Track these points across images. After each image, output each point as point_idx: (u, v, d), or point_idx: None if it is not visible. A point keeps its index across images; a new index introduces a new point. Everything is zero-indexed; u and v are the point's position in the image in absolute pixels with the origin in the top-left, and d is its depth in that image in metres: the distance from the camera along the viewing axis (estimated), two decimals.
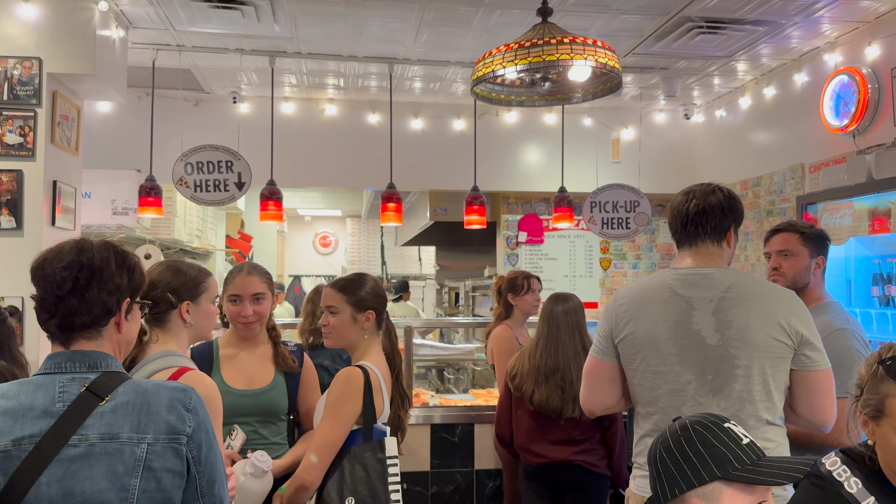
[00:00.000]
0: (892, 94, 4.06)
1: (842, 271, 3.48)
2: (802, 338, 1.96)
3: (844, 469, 1.51)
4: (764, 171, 5.33)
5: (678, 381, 2.01)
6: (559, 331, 2.98)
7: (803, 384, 1.98)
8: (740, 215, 2.12)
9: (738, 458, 1.25)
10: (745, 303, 1.97)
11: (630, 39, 4.58)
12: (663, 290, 2.06)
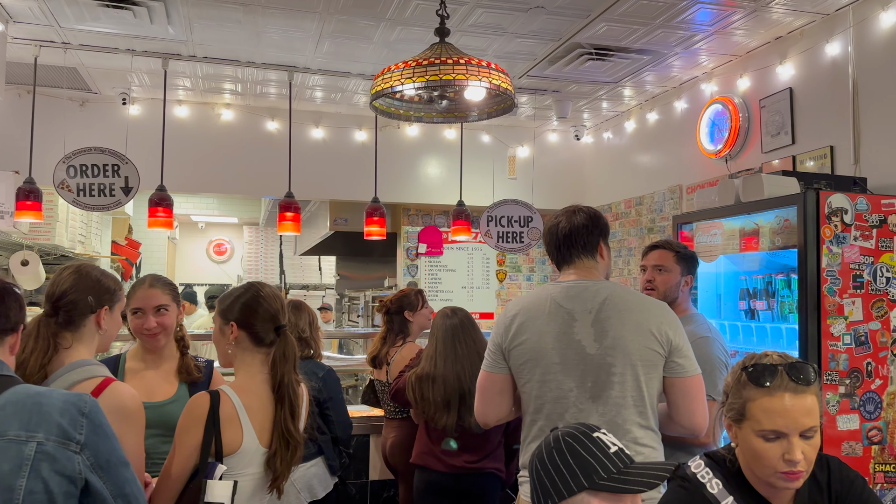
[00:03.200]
0: (759, 124, 4.44)
1: (713, 286, 3.75)
2: (673, 345, 2.08)
3: (707, 471, 1.63)
4: (646, 191, 5.66)
5: (561, 389, 2.10)
6: (463, 347, 3.02)
7: (675, 390, 2.11)
8: (605, 228, 2.27)
9: (605, 467, 1.27)
10: (620, 314, 2.09)
11: (525, 62, 4.77)
12: (548, 303, 2.17)
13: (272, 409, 1.96)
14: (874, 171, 3.57)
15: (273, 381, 1.98)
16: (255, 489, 1.93)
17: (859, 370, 2.77)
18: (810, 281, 2.78)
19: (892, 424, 2.79)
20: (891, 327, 2.82)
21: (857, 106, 3.73)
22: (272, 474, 1.93)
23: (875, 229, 2.84)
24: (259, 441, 1.92)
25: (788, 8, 3.82)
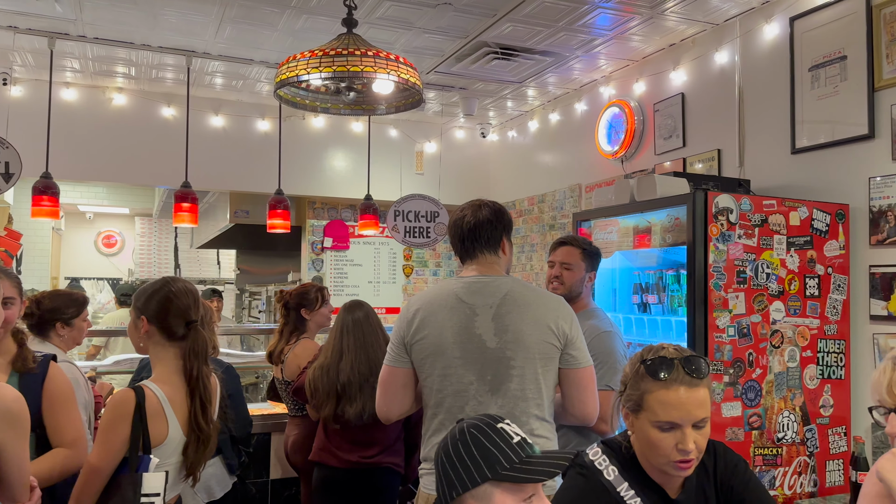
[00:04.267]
0: (653, 127, 4.66)
1: (609, 281, 3.90)
2: (568, 338, 2.16)
3: (604, 458, 1.70)
4: (548, 189, 5.82)
5: (461, 383, 2.14)
6: (356, 342, 2.99)
7: (569, 381, 2.19)
8: (509, 224, 2.33)
9: (508, 457, 1.29)
10: (519, 308, 2.15)
11: (432, 58, 4.79)
12: (450, 298, 2.20)
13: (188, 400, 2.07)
14: (757, 173, 3.82)
15: (185, 375, 2.07)
16: (175, 477, 2.05)
17: (742, 360, 2.97)
18: (698, 276, 2.95)
19: (771, 411, 3.00)
20: (770, 320, 3.04)
21: (743, 112, 3.98)
22: (187, 463, 2.06)
23: (757, 228, 3.04)
24: (182, 432, 2.04)
25: (682, 17, 4.02)
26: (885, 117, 3.16)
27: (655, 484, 1.65)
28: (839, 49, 3.38)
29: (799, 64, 3.60)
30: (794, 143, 3.61)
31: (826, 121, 3.45)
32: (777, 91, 3.74)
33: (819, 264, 3.16)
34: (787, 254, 3.09)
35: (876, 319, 3.16)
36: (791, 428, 3.05)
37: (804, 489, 3.06)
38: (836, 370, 3.17)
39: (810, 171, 3.54)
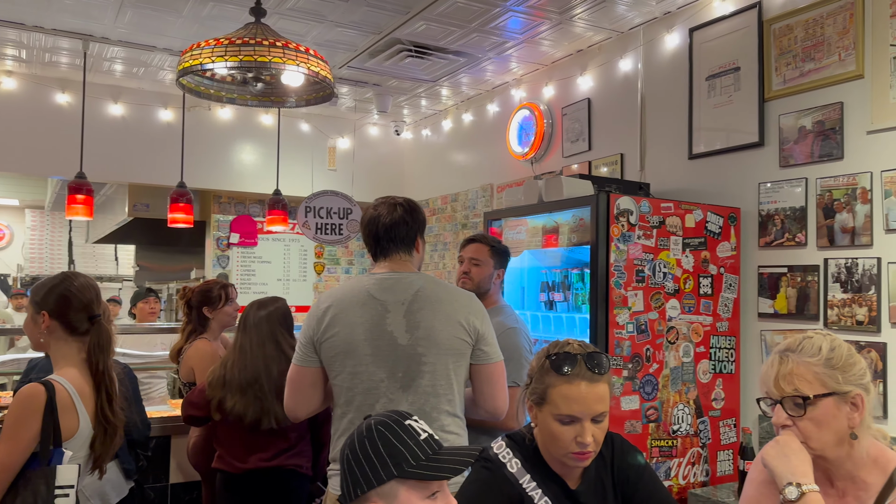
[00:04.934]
0: (561, 130, 4.78)
1: (518, 279, 3.98)
2: (479, 334, 2.18)
3: (508, 451, 1.73)
4: (461, 189, 5.87)
5: (372, 380, 2.12)
6: (252, 340, 2.90)
7: (480, 376, 2.21)
8: (423, 222, 2.33)
9: (415, 455, 1.28)
10: (431, 305, 2.15)
11: (345, 52, 4.73)
12: (362, 294, 2.18)
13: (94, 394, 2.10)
14: (656, 177, 3.99)
15: (90, 369, 2.10)
16: (83, 471, 2.07)
17: (640, 355, 3.09)
18: (600, 275, 3.05)
19: (667, 404, 3.14)
20: (666, 317, 3.18)
21: (644, 118, 4.15)
22: (94, 455, 2.09)
23: (655, 229, 3.17)
24: (91, 424, 2.07)
25: (589, 23, 4.15)
26: (774, 127, 3.37)
27: (556, 475, 1.69)
28: (734, 60, 3.58)
29: (697, 73, 3.78)
30: (692, 148, 3.80)
31: (721, 128, 3.64)
32: (676, 98, 3.91)
33: (712, 264, 3.33)
34: (682, 254, 3.24)
35: (763, 317, 3.36)
36: (685, 420, 3.20)
37: (697, 479, 3.21)
38: (728, 365, 3.35)
39: (706, 175, 3.72)
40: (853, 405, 1.49)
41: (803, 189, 3.21)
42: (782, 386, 1.51)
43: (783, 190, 3.30)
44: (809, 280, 3.16)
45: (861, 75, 3.01)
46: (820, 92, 3.17)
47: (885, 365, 2.85)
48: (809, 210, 3.18)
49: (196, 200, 5.06)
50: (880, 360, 2.86)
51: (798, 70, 3.27)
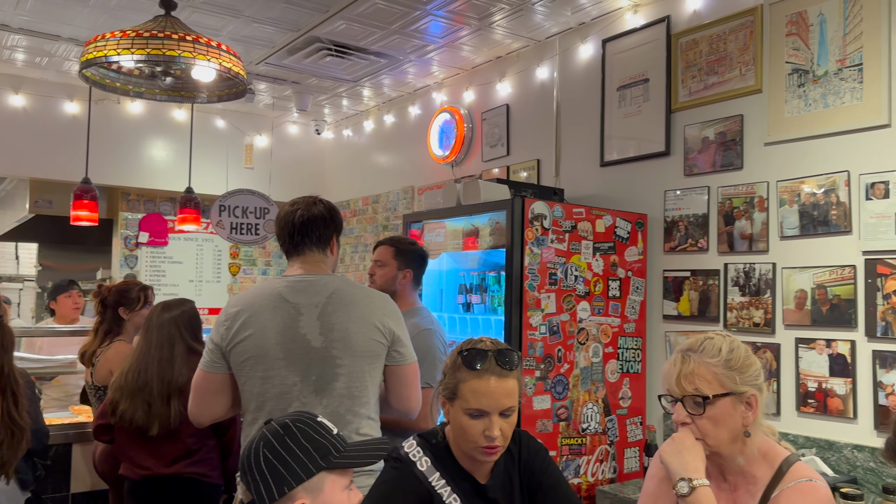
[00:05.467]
0: (481, 135, 4.85)
1: (437, 282, 4.00)
2: (394, 336, 2.18)
3: (418, 450, 1.74)
4: (382, 190, 5.86)
5: (285, 384, 2.08)
6: (152, 342, 2.80)
7: (394, 377, 2.21)
8: (340, 225, 2.32)
9: (335, 447, 1.33)
10: (345, 307, 2.14)
11: (262, 49, 4.64)
12: (273, 298, 2.14)
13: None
14: (570, 183, 4.10)
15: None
16: None
17: (552, 356, 3.16)
18: (515, 277, 3.10)
19: (577, 403, 3.23)
20: (577, 319, 3.27)
21: (560, 125, 4.25)
22: (1, 461, 2.04)
23: (568, 234, 3.26)
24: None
25: (508, 31, 4.22)
26: (679, 137, 3.52)
27: (466, 472, 1.72)
28: (643, 72, 3.72)
29: (609, 83, 3.91)
30: (604, 156, 3.92)
31: (631, 137, 3.78)
32: (590, 107, 4.03)
33: (621, 268, 3.45)
34: (593, 258, 3.34)
35: (668, 318, 3.50)
36: (594, 419, 3.30)
37: (605, 476, 3.32)
38: (634, 365, 3.48)
39: (616, 182, 3.85)
40: (748, 405, 1.57)
41: (706, 197, 3.37)
42: (683, 385, 1.58)
43: (687, 197, 3.45)
44: (711, 284, 3.32)
45: (760, 90, 3.18)
46: (722, 104, 3.34)
47: (778, 364, 3.02)
48: (711, 217, 3.34)
49: (103, 197, 4.85)
50: (774, 359, 3.03)
51: (703, 83, 3.43)
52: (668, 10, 3.62)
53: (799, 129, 3.01)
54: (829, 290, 2.86)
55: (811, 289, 2.92)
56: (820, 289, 2.89)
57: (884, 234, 2.71)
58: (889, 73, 2.74)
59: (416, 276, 2.90)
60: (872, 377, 2.71)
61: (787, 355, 3.00)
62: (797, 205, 3.00)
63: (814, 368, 2.89)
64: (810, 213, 2.95)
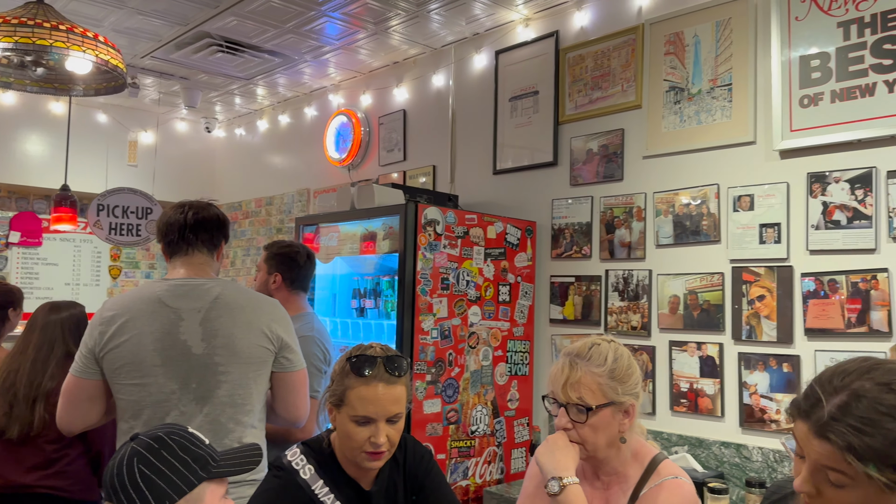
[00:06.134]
0: (378, 139, 4.84)
1: (330, 286, 3.96)
2: (282, 342, 2.14)
3: (302, 458, 1.72)
4: (276, 192, 5.73)
5: (162, 392, 2.00)
6: (31, 343, 2.63)
7: (282, 385, 2.17)
8: (228, 235, 2.27)
9: (212, 456, 1.30)
10: (231, 312, 2.08)
11: (148, 41, 4.43)
12: (152, 302, 2.05)
13: None
14: (465, 189, 4.17)
15: None
16: None
17: (443, 360, 3.20)
18: (407, 282, 3.12)
19: (466, 406, 3.28)
20: (468, 323, 3.32)
21: (455, 132, 4.32)
22: None
23: (460, 239, 3.31)
24: None
25: (405, 37, 4.24)
26: (566, 148, 3.66)
27: (351, 479, 1.71)
28: (534, 84, 3.84)
29: (502, 94, 4.01)
30: (496, 164, 4.01)
31: (522, 147, 3.89)
32: (484, 116, 4.12)
33: (511, 273, 3.54)
34: (484, 263, 3.41)
35: (554, 322, 3.63)
36: (483, 421, 3.36)
37: (493, 477, 3.39)
38: (522, 367, 3.58)
39: (508, 190, 3.95)
40: (626, 413, 1.65)
41: (589, 206, 3.52)
42: (569, 393, 1.63)
43: (573, 206, 3.59)
44: (593, 289, 3.46)
45: (639, 105, 3.36)
46: (605, 118, 3.50)
47: (654, 366, 3.19)
48: (594, 225, 3.49)
49: None
50: (650, 361, 3.20)
51: (588, 97, 3.58)
52: (557, 26, 3.75)
53: (674, 144, 3.20)
54: (700, 296, 3.05)
55: (683, 294, 3.11)
56: (691, 294, 3.08)
57: (748, 244, 2.92)
58: (755, 93, 2.96)
59: (288, 278, 2.82)
60: (738, 377, 2.91)
61: (661, 357, 3.18)
62: (672, 215, 3.18)
63: (686, 370, 3.08)
64: (683, 223, 3.14)
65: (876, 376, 1.05)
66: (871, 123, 2.61)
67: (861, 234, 2.62)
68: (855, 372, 1.07)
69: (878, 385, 1.03)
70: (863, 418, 1.01)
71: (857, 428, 1.01)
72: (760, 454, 2.79)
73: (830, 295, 2.68)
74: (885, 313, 2.55)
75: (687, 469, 2.74)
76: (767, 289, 2.85)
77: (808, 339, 2.73)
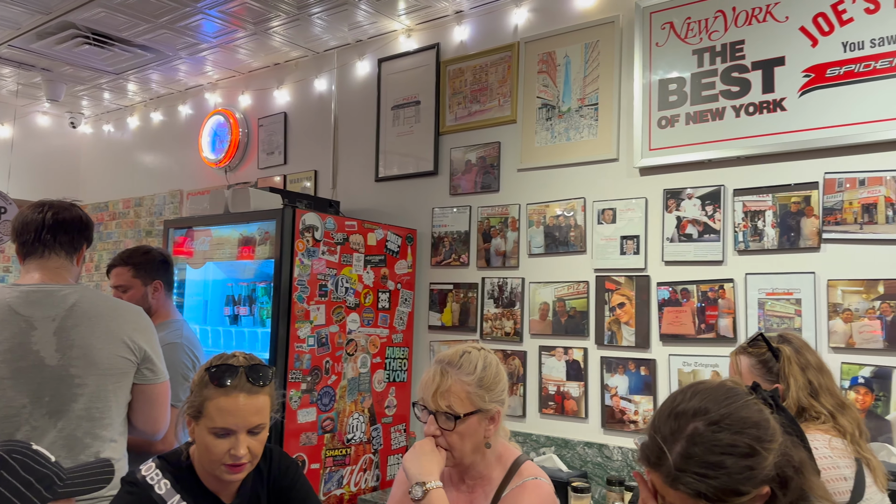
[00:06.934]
0: (258, 141, 4.73)
1: (201, 293, 3.82)
2: (145, 353, 2.05)
3: (158, 472, 1.65)
4: (147, 193, 5.46)
5: (12, 406, 1.87)
6: None
7: (143, 397, 2.07)
8: (91, 238, 2.13)
9: (58, 475, 1.23)
10: (89, 321, 1.96)
11: (6, 30, 4.11)
12: (1, 310, 1.91)
13: None
14: (347, 195, 4.15)
15: None
16: None
17: (319, 368, 3.17)
18: (283, 289, 3.07)
19: (343, 414, 3.27)
20: (346, 330, 3.31)
21: (337, 138, 4.29)
22: None
23: (339, 246, 3.30)
24: None
25: (286, 39, 4.18)
26: (446, 158, 3.74)
27: (210, 492, 1.66)
28: (415, 94, 3.89)
29: (385, 101, 4.03)
30: (378, 171, 4.03)
31: (404, 155, 3.93)
32: (366, 123, 4.12)
33: (391, 280, 3.57)
34: (364, 270, 3.42)
35: (433, 329, 3.68)
36: (359, 428, 3.36)
37: (368, 484, 3.39)
38: (401, 374, 3.61)
39: (390, 197, 3.98)
40: (491, 419, 1.71)
41: (468, 215, 3.60)
42: (439, 401, 1.67)
43: (452, 215, 3.67)
44: (470, 296, 3.55)
45: (514, 120, 3.49)
46: (483, 131, 3.60)
47: (525, 370, 3.31)
48: (472, 234, 3.59)
49: None
50: (521, 366, 3.32)
51: (467, 110, 3.67)
52: (439, 38, 3.83)
53: (546, 158, 3.35)
54: (568, 303, 3.21)
55: (553, 302, 3.25)
56: (560, 302, 3.23)
57: (611, 255, 3.10)
58: (619, 113, 3.15)
59: (167, 282, 2.72)
60: (600, 380, 3.08)
61: (532, 362, 3.30)
62: (543, 226, 3.32)
63: (554, 373, 3.22)
64: (553, 234, 3.29)
65: (706, 415, 1.13)
66: (720, 145, 2.84)
67: (710, 246, 2.85)
68: (685, 414, 1.15)
69: (709, 426, 1.12)
70: (704, 463, 1.10)
71: (702, 474, 1.10)
72: (620, 453, 2.96)
73: (683, 303, 2.89)
74: (730, 320, 2.78)
75: (552, 469, 2.87)
76: (627, 297, 3.03)
77: (663, 344, 2.93)
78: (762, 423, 1.13)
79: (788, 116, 2.69)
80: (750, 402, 1.16)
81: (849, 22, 2.60)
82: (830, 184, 2.61)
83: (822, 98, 2.63)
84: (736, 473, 1.09)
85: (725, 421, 1.12)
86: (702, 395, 1.17)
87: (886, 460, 2.25)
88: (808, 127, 2.65)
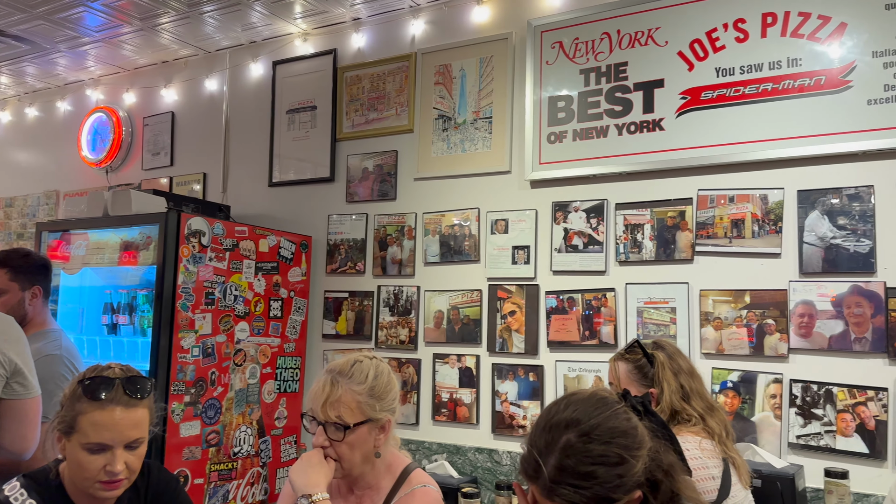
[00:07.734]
0: (142, 141, 4.51)
1: (76, 300, 3.59)
2: (15, 366, 1.94)
3: (23, 492, 1.54)
4: (19, 193, 5.09)
5: None
6: None
7: (11, 413, 1.94)
8: None
9: None
10: None
11: None
12: None
13: None
14: (238, 200, 4.03)
15: None
16: None
17: (204, 379, 3.05)
18: (166, 297, 2.93)
19: (229, 427, 3.15)
20: (234, 339, 3.20)
21: (228, 141, 4.16)
22: None
23: (229, 252, 3.19)
24: None
25: (175, 36, 4.02)
26: (343, 165, 3.70)
27: None
28: (312, 99, 3.84)
29: (279, 105, 3.95)
30: (272, 176, 3.94)
31: (299, 160, 3.86)
32: (260, 126, 4.02)
33: (283, 288, 3.49)
34: (255, 277, 3.32)
35: (327, 338, 3.63)
36: (247, 441, 3.25)
37: (256, 498, 3.29)
38: (292, 384, 3.53)
39: (284, 203, 3.90)
40: (382, 429, 1.70)
41: (364, 223, 3.59)
42: (329, 412, 1.64)
43: (348, 222, 3.64)
44: (366, 304, 3.53)
45: (412, 130, 3.51)
46: (381, 139, 3.60)
47: (419, 378, 3.33)
48: (368, 242, 3.57)
49: None
50: (416, 374, 3.33)
51: (364, 117, 3.66)
52: (336, 44, 3.80)
53: (442, 169, 3.39)
54: (462, 311, 3.25)
55: (447, 310, 3.29)
56: (454, 310, 3.27)
57: (503, 264, 3.17)
58: (512, 127, 3.23)
59: (46, 289, 2.54)
60: (492, 387, 3.14)
61: (426, 370, 3.32)
62: (439, 235, 3.36)
63: (447, 381, 3.25)
64: (449, 243, 3.33)
65: (577, 426, 1.16)
66: (604, 161, 2.98)
67: (594, 257, 2.98)
68: (558, 426, 1.17)
69: (580, 437, 1.15)
70: (577, 474, 1.13)
71: (577, 485, 1.13)
72: (509, 458, 3.03)
73: (569, 311, 3.00)
74: (611, 328, 2.91)
75: (443, 476, 2.90)
76: (518, 305, 3.11)
77: (551, 351, 3.03)
78: (630, 431, 1.18)
79: (666, 136, 2.86)
80: (619, 412, 1.20)
81: (721, 49, 2.79)
82: (703, 200, 2.79)
83: (697, 119, 2.81)
84: (607, 482, 1.13)
85: (595, 432, 1.15)
86: (574, 405, 1.20)
87: (751, 459, 2.42)
88: (684, 146, 2.82)
